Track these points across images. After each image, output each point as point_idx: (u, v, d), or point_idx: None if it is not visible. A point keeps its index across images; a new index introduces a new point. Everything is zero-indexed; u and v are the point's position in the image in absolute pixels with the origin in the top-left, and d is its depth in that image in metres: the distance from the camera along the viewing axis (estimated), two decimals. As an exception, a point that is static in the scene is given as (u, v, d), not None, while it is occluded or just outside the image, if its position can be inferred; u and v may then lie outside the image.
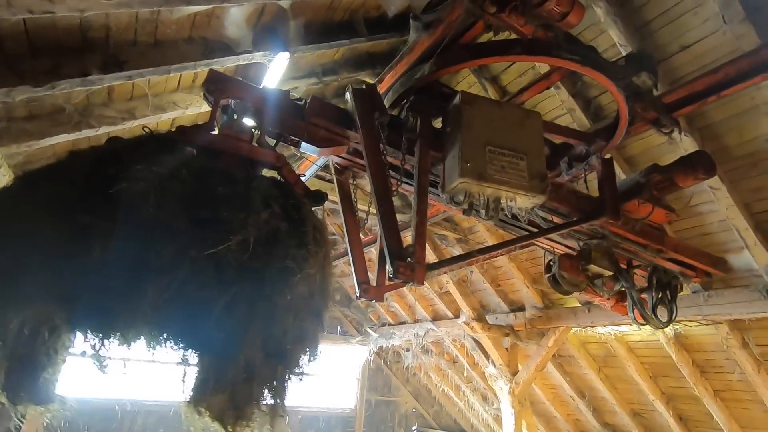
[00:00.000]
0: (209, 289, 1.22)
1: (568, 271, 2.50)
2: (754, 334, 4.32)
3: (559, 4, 1.77)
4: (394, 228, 1.90)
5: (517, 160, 1.88)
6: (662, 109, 2.19)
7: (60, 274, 1.14)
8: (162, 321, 1.20)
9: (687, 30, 3.14)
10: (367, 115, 1.99)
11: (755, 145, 3.34)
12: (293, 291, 1.34)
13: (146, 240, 1.20)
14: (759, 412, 4.81)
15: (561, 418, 7.39)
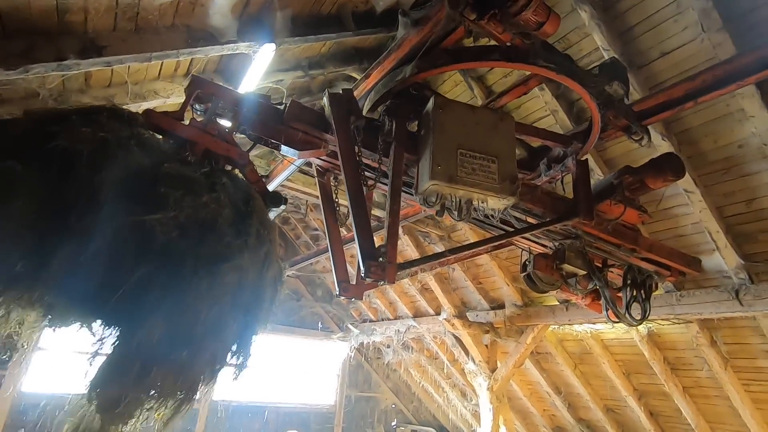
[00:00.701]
0: (126, 259, 1.17)
1: (542, 270, 2.57)
2: (722, 333, 4.49)
3: (535, 13, 1.82)
4: (367, 229, 1.94)
5: (489, 163, 1.94)
6: (633, 117, 2.27)
7: None
8: (69, 285, 1.15)
9: (667, 37, 3.22)
10: (343, 120, 2.03)
11: (728, 151, 3.46)
12: (216, 279, 1.27)
13: (70, 200, 1.16)
14: (725, 408, 5.01)
15: (537, 413, 7.55)
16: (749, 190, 3.52)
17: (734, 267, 3.79)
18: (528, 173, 2.65)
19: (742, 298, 3.73)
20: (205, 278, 1.26)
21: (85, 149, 1.19)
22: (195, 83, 1.79)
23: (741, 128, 3.29)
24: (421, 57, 2.02)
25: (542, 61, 1.89)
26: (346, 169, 1.98)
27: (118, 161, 1.23)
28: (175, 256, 1.23)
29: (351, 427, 9.53)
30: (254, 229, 1.43)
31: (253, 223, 1.43)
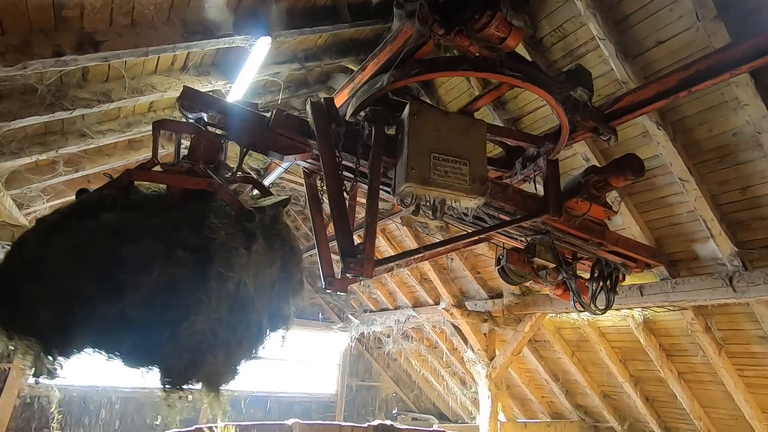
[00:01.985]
0: (119, 332, 1.46)
1: (515, 263, 2.76)
2: (717, 320, 4.56)
3: (497, 29, 1.94)
4: (346, 228, 2.11)
5: (460, 165, 2.07)
6: (600, 120, 2.40)
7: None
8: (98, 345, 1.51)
9: (663, 26, 3.22)
10: (324, 126, 2.17)
11: (723, 140, 3.48)
12: (184, 333, 1.46)
13: (68, 300, 1.45)
14: (719, 393, 5.10)
15: (535, 400, 7.67)
16: (743, 178, 3.55)
17: (728, 254, 3.84)
18: (506, 171, 2.80)
19: (736, 285, 3.78)
20: (174, 339, 1.46)
21: (62, 263, 1.46)
22: (186, 95, 1.91)
23: (735, 117, 3.31)
24: (396, 67, 2.14)
25: (508, 70, 2.04)
26: (327, 173, 2.13)
27: (90, 258, 1.47)
28: (148, 324, 1.46)
29: (352, 416, 9.67)
30: (215, 271, 1.57)
31: (214, 266, 1.57)
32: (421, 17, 1.94)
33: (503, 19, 1.94)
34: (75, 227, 1.54)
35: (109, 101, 3.09)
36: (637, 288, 4.52)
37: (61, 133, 3.49)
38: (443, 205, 2.15)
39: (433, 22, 1.94)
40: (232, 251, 1.62)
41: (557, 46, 3.76)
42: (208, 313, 1.49)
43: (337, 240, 2.06)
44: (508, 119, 4.41)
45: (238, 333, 1.63)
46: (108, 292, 1.44)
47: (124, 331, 1.45)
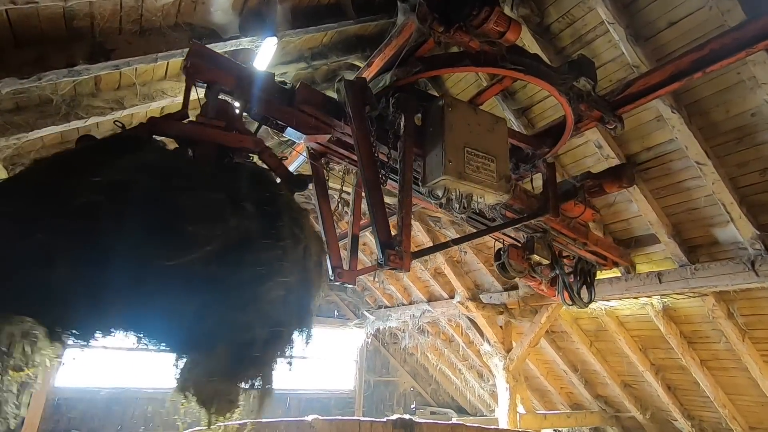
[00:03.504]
0: (176, 298, 1.18)
1: (515, 259, 2.87)
2: (739, 305, 4.46)
3: (496, 24, 1.95)
4: (384, 218, 1.99)
5: (489, 162, 2.10)
6: (606, 108, 2.42)
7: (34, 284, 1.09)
8: (135, 325, 1.20)
9: (674, 6, 3.15)
10: (359, 108, 2.06)
11: (741, 120, 3.39)
12: (263, 300, 1.27)
13: (109, 254, 1.13)
14: (743, 379, 5.00)
15: (554, 391, 7.61)
16: (763, 159, 3.46)
17: (749, 238, 3.75)
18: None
19: (758, 269, 3.69)
20: (252, 304, 1.27)
21: (100, 203, 1.15)
22: (195, 53, 1.72)
23: (753, 96, 3.22)
24: (398, 66, 2.12)
25: (509, 64, 2.06)
26: (364, 158, 2.00)
27: (136, 202, 1.17)
28: (220, 285, 1.22)
29: (371, 411, 9.73)
30: (287, 230, 1.38)
31: (285, 224, 1.38)
32: (420, 16, 1.96)
33: (501, 14, 1.95)
34: (110, 163, 1.21)
35: (122, 108, 3.15)
36: (655, 275, 4.45)
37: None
38: (470, 200, 2.15)
39: (433, 20, 1.95)
40: (297, 212, 1.45)
41: (565, 32, 3.70)
42: (284, 277, 1.30)
43: (376, 231, 1.96)
44: (518, 109, 4.36)
45: (303, 308, 1.44)
46: (165, 245, 1.14)
47: (185, 295, 1.16)
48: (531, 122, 4.37)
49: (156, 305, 1.17)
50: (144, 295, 1.14)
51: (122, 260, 1.12)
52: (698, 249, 4.24)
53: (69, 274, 1.09)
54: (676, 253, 4.28)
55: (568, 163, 4.52)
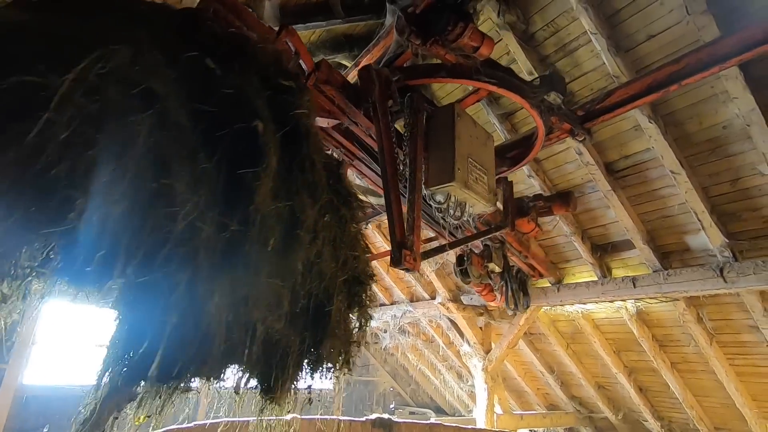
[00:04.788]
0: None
1: (476, 266, 3.11)
2: (708, 310, 4.63)
3: (471, 39, 2.03)
4: (401, 217, 1.95)
5: (483, 174, 2.19)
6: (575, 121, 2.55)
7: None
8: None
9: (654, 19, 3.25)
10: (384, 102, 2.03)
11: (713, 132, 3.53)
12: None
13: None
14: (710, 382, 5.19)
15: (531, 392, 7.75)
16: (733, 171, 3.60)
17: (719, 245, 3.90)
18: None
19: (726, 276, 3.84)
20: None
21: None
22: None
23: (725, 110, 3.36)
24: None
25: (483, 77, 2.15)
26: (387, 155, 1.95)
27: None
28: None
29: (350, 411, 9.72)
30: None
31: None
32: (398, 28, 2.03)
33: (476, 30, 2.02)
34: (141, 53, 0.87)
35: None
36: (630, 280, 4.58)
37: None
38: (464, 207, 2.22)
39: (410, 32, 2.02)
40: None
41: (550, 40, 3.78)
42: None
43: (392, 231, 1.91)
44: (502, 114, 4.43)
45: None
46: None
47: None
48: (514, 127, 4.45)
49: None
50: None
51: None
52: (671, 255, 4.39)
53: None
54: (650, 259, 4.41)
55: (550, 168, 4.61)
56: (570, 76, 3.87)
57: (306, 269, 1.09)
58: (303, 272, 1.09)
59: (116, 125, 0.82)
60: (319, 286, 1.16)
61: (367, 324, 1.39)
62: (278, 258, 1.00)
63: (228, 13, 1.27)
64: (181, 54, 0.96)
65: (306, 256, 1.08)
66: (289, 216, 1.04)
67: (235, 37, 1.09)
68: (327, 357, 1.23)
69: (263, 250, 0.96)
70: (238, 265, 0.93)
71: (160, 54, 0.92)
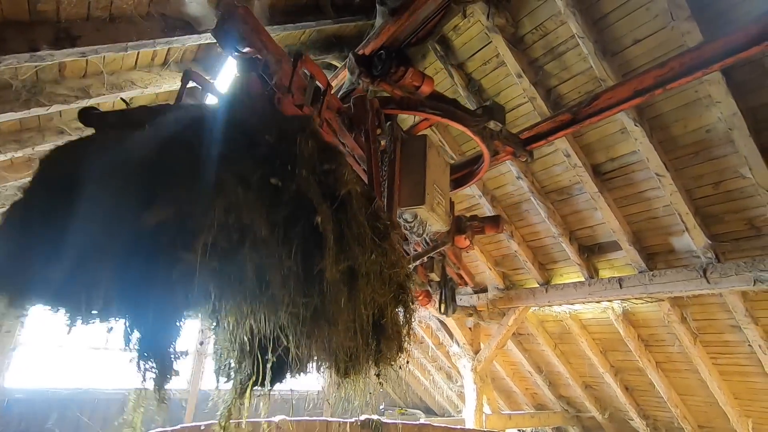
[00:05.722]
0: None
1: (420, 275, 3.34)
2: (692, 310, 4.71)
3: (412, 79, 2.28)
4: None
5: (442, 198, 2.47)
6: (517, 144, 2.89)
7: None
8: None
9: (640, 24, 3.31)
10: (374, 129, 2.24)
11: (697, 136, 3.59)
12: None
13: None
14: (694, 381, 5.28)
15: (520, 392, 7.81)
16: (716, 173, 3.67)
17: (702, 247, 3.97)
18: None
19: (709, 277, 3.91)
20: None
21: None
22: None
23: (709, 114, 3.42)
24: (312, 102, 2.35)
25: (428, 108, 2.44)
26: (375, 179, 2.13)
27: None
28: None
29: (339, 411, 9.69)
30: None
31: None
32: (349, 68, 2.31)
33: (416, 72, 2.29)
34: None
35: (88, 97, 3.03)
36: (616, 281, 4.64)
37: (37, 130, 3.40)
38: (425, 226, 2.53)
39: (360, 72, 2.30)
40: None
41: (538, 44, 3.82)
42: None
43: None
44: (491, 116, 4.46)
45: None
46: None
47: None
48: (504, 129, 4.48)
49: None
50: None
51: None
52: (656, 256, 4.46)
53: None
54: (636, 260, 4.48)
55: (538, 170, 4.66)
56: (558, 79, 3.92)
57: (365, 304, 1.36)
58: (364, 306, 1.36)
59: (229, 266, 1.03)
60: (375, 308, 1.43)
61: (411, 318, 1.67)
62: (349, 306, 1.27)
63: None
64: (250, 177, 1.12)
65: (364, 296, 1.34)
66: (349, 272, 1.28)
67: (286, 140, 1.24)
68: (387, 350, 1.54)
69: (338, 308, 1.22)
70: (323, 323, 1.20)
71: (240, 185, 1.09)
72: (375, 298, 1.40)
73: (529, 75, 3.95)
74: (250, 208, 1.07)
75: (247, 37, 1.70)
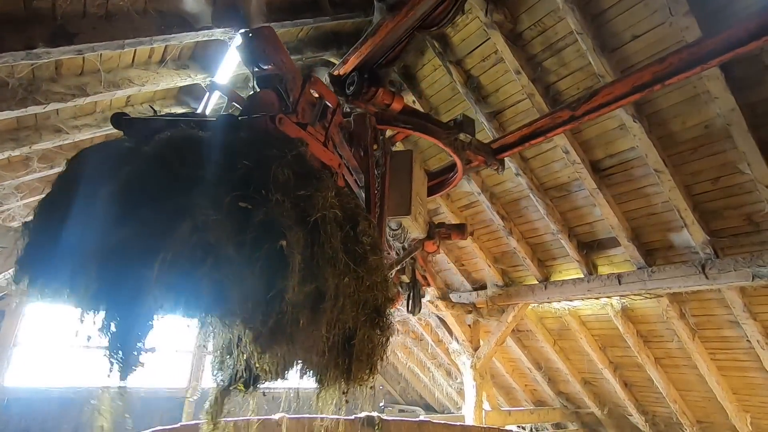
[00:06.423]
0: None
1: (394, 278, 3.50)
2: (690, 306, 4.72)
3: (383, 98, 2.44)
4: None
5: (423, 208, 2.67)
6: (488, 154, 3.06)
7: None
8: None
9: (638, 20, 3.30)
10: (372, 144, 2.37)
11: (696, 131, 3.59)
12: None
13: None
14: (692, 376, 5.30)
15: (519, 388, 7.83)
16: (715, 169, 3.67)
17: (701, 242, 3.98)
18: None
19: (708, 272, 3.92)
20: None
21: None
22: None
23: (707, 109, 3.42)
24: (319, 119, 2.42)
25: (401, 123, 2.60)
26: (371, 188, 2.25)
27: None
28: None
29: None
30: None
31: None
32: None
33: (386, 91, 2.45)
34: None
35: (85, 95, 3.01)
36: (615, 277, 4.65)
37: (34, 129, 3.39)
38: (405, 232, 2.77)
39: (335, 92, 2.43)
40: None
41: (537, 40, 3.81)
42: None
43: None
44: (490, 112, 4.46)
45: None
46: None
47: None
48: (502, 126, 4.48)
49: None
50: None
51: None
52: (655, 252, 4.47)
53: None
54: (635, 256, 4.48)
55: (537, 167, 4.66)
56: (557, 75, 3.91)
57: (331, 325, 1.37)
58: (329, 328, 1.37)
59: (187, 282, 1.09)
60: (343, 328, 1.43)
61: (387, 342, 1.66)
62: (309, 326, 1.28)
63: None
64: (222, 199, 1.18)
65: (330, 318, 1.35)
66: (315, 293, 1.29)
67: (263, 165, 1.29)
68: (357, 371, 1.54)
69: (296, 327, 1.24)
70: (282, 338, 1.23)
71: (211, 207, 1.15)
72: (342, 319, 1.41)
73: (528, 71, 3.94)
74: (217, 229, 1.12)
75: (271, 55, 1.78)
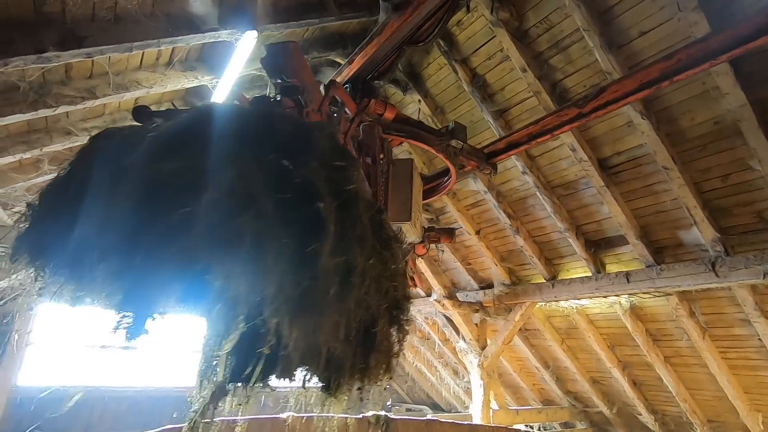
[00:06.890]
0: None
1: None
2: (700, 304, 4.67)
3: (375, 108, 2.52)
4: None
5: (419, 214, 2.77)
6: (480, 159, 3.13)
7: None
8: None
9: (646, 16, 3.27)
10: (379, 154, 2.47)
11: (705, 128, 3.55)
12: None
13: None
14: (703, 375, 5.24)
15: (527, 387, 7.80)
16: (724, 166, 3.63)
17: (711, 240, 3.93)
18: None
19: (718, 270, 3.88)
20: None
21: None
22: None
23: (717, 106, 3.39)
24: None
25: (394, 131, 2.71)
26: (379, 196, 2.34)
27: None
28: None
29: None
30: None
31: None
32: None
33: (378, 101, 2.54)
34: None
35: (94, 98, 3.05)
36: (623, 275, 4.62)
37: (45, 131, 3.44)
38: (404, 238, 2.85)
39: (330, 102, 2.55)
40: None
41: (543, 37, 3.79)
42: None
43: None
44: (496, 111, 4.44)
45: None
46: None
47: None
48: (508, 124, 4.46)
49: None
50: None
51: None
52: (664, 250, 4.43)
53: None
54: (644, 254, 4.45)
55: (544, 165, 4.64)
56: (563, 73, 3.89)
57: (357, 305, 1.36)
58: (355, 307, 1.36)
59: (227, 227, 1.10)
60: (366, 314, 1.43)
61: (404, 339, 1.64)
62: (337, 300, 1.28)
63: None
64: (265, 156, 1.24)
65: (357, 295, 1.35)
66: (345, 267, 1.30)
67: (303, 134, 1.36)
68: (374, 366, 1.51)
69: (326, 297, 1.24)
70: (309, 309, 1.22)
71: (254, 160, 1.22)
72: (368, 301, 1.41)
73: (534, 69, 3.92)
74: (259, 180, 1.17)
75: (294, 70, 1.92)
